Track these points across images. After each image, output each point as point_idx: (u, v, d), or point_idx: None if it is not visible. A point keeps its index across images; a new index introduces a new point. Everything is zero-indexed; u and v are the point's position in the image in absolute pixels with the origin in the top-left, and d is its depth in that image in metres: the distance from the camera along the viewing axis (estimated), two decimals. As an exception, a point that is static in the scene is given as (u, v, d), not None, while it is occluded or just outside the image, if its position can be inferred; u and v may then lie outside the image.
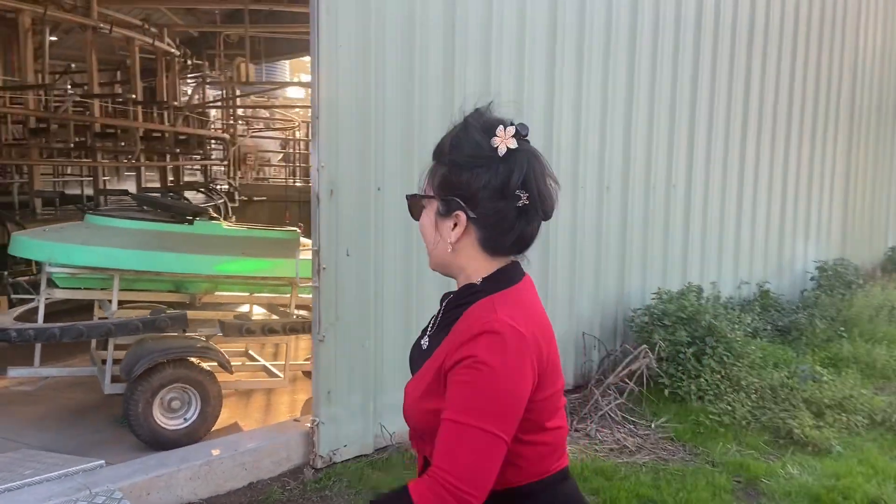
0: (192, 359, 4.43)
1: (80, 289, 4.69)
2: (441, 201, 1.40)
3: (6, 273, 5.81)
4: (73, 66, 15.93)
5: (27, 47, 9.11)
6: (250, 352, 5.67)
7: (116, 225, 4.71)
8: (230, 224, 5.05)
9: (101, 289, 4.76)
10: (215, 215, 5.01)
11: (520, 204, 1.34)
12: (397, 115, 4.17)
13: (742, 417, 4.78)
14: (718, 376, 5.14)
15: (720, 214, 6.81)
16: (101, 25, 10.27)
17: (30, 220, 7.89)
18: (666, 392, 5.14)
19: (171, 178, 13.52)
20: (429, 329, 1.51)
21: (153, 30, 12.16)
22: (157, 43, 12.07)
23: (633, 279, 5.88)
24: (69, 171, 12.39)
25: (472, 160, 1.36)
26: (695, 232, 6.49)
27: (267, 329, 4.66)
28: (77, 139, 10.09)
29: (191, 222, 4.85)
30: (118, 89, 11.87)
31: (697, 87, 6.29)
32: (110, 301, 5.00)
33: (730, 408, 4.84)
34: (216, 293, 5.22)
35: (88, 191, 10.78)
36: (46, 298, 4.62)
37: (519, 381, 1.30)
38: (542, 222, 1.41)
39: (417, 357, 1.50)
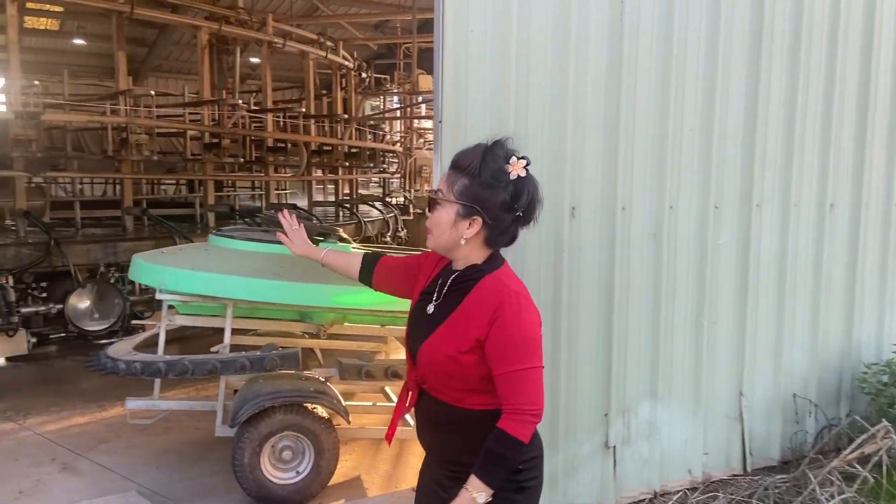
0: (307, 404, 3.83)
1: (200, 315, 4.27)
2: (463, 206, 1.85)
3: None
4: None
5: (204, 63, 9.29)
6: (387, 389, 5.00)
7: (235, 247, 4.25)
8: (359, 247, 4.41)
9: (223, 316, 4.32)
10: (345, 236, 4.41)
11: (517, 215, 1.87)
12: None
13: None
14: None
15: None
16: (276, 41, 10.34)
17: (199, 235, 7.91)
18: (917, 486, 3.75)
19: (346, 190, 13.54)
20: (433, 298, 1.96)
21: (329, 44, 12.16)
22: (330, 56, 12.04)
23: (865, 325, 4.48)
24: (243, 184, 12.75)
25: (495, 181, 1.83)
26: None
27: (391, 373, 3.96)
28: (256, 154, 10.22)
29: (315, 244, 4.26)
30: (306, 106, 11.98)
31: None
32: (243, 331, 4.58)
33: None
34: (346, 324, 4.61)
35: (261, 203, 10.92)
36: (168, 325, 4.26)
37: (539, 325, 1.87)
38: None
39: (426, 321, 1.94)
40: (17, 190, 7.72)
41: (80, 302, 7.35)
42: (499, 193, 1.81)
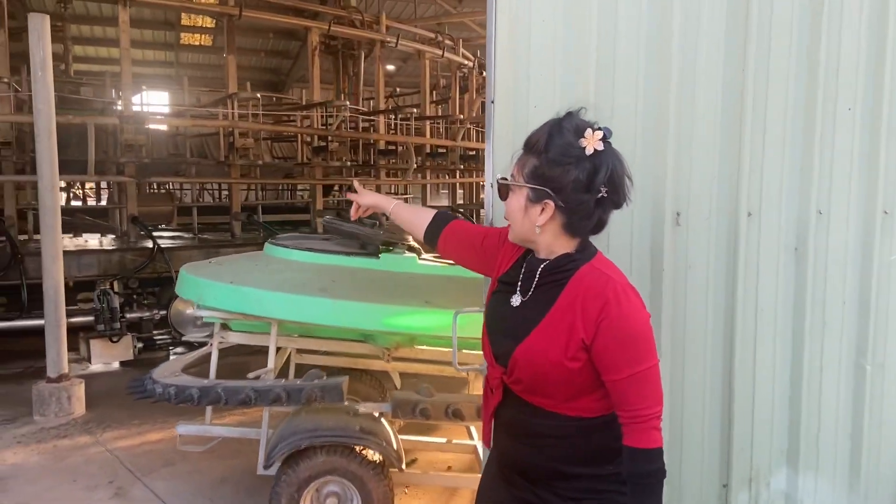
0: (354, 445, 3.24)
1: (253, 333, 3.80)
2: (532, 190, 1.63)
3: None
4: (397, 89, 16.64)
5: (314, 65, 9.06)
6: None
7: (287, 257, 3.74)
8: (429, 259, 3.76)
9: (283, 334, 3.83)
10: (414, 245, 3.77)
11: (599, 196, 1.60)
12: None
13: None
14: None
15: None
16: (388, 39, 9.97)
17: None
18: None
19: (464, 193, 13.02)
20: (518, 287, 1.73)
21: (447, 42, 11.66)
22: (448, 55, 11.54)
23: None
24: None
25: (564, 158, 1.59)
26: None
27: (451, 412, 3.28)
28: (367, 158, 9.96)
29: (376, 255, 3.68)
30: (422, 107, 11.60)
31: None
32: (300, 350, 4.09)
33: None
34: (415, 346, 3.98)
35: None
36: (221, 343, 3.83)
37: (648, 316, 1.65)
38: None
39: (514, 316, 1.71)
40: (128, 195, 7.80)
41: (185, 308, 7.24)
42: (570, 171, 1.58)
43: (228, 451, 4.51)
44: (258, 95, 8.34)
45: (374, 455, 3.25)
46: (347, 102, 9.03)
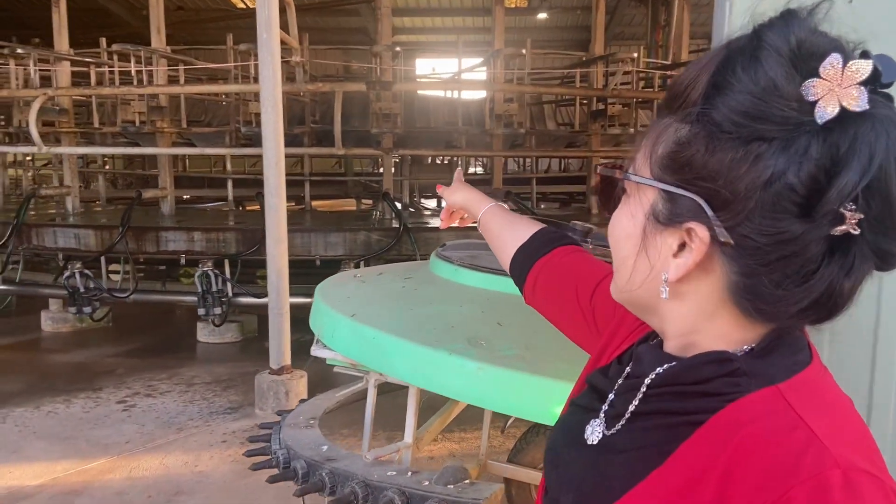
0: None
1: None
2: (664, 193, 0.69)
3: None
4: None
5: (599, 10, 7.60)
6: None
7: (450, 278, 2.54)
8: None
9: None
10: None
11: (839, 230, 0.61)
12: None
13: None
14: None
15: None
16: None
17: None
18: None
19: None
20: (603, 405, 0.81)
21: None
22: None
23: None
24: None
25: (754, 123, 0.62)
26: None
27: None
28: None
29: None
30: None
31: None
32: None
33: None
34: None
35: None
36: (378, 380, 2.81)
37: None
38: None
39: (579, 459, 0.81)
40: (385, 168, 7.28)
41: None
42: (763, 159, 0.61)
43: None
44: (523, 52, 7.17)
45: None
46: (636, 55, 7.42)
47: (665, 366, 0.75)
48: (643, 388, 0.76)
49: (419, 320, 2.25)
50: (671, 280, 0.70)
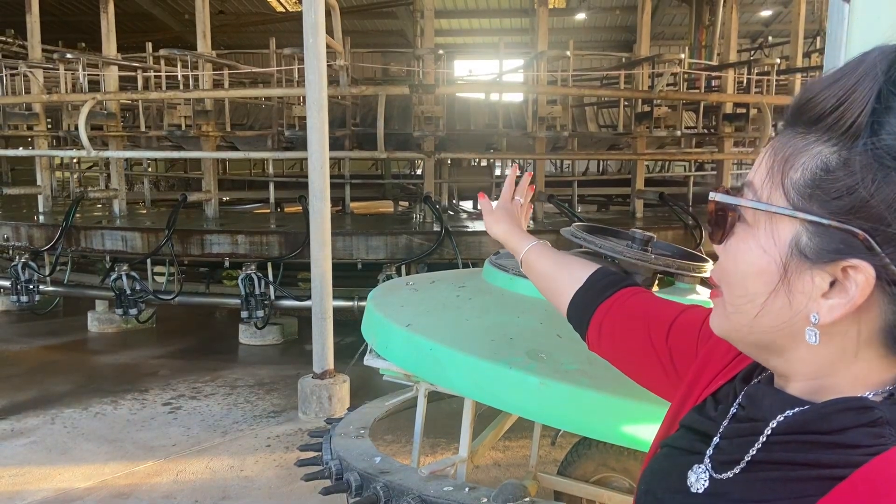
0: None
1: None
2: (811, 226, 0.62)
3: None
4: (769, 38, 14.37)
5: (645, 11, 7.46)
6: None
7: (505, 287, 2.47)
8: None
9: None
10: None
11: None
12: None
13: None
14: None
15: None
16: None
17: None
18: None
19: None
20: (709, 451, 0.74)
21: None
22: (828, -13, 8.85)
23: None
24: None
25: None
26: None
27: None
28: (706, 124, 8.14)
29: (647, 285, 2.21)
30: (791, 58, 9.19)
31: None
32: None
33: None
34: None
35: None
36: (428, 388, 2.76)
37: None
38: None
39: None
40: (426, 171, 7.23)
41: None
42: None
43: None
44: (567, 53, 7.06)
45: None
46: (683, 56, 7.26)
47: (790, 411, 0.68)
48: (764, 436, 0.69)
49: (476, 331, 2.19)
50: (823, 323, 0.64)
